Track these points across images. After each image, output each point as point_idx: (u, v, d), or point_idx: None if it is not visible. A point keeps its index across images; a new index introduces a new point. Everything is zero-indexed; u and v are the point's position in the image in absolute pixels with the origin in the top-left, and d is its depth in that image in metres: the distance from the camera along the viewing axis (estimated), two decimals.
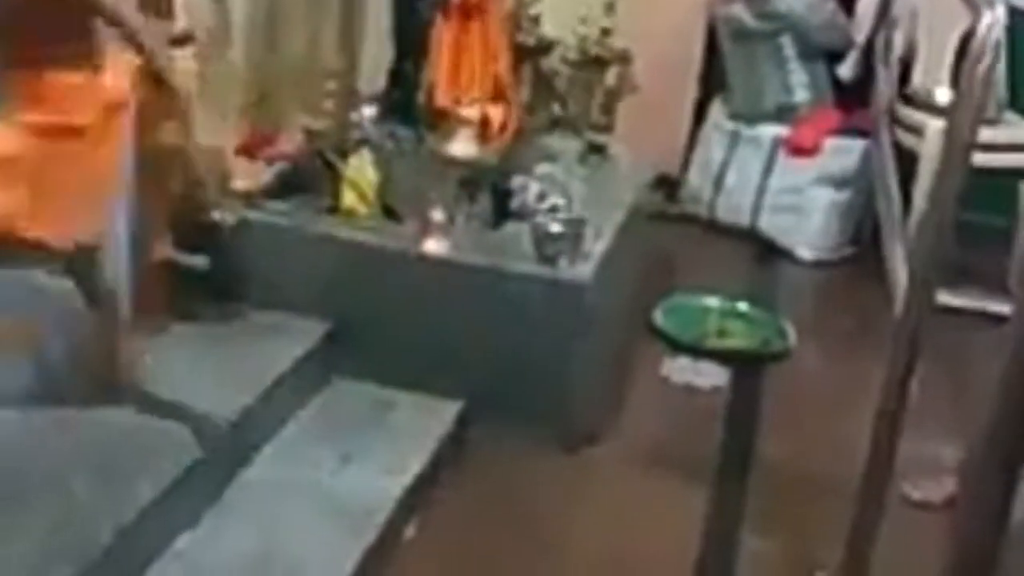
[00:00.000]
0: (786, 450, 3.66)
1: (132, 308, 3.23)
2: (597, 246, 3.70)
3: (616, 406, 3.78)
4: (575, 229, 3.62)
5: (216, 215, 3.45)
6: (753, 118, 5.33)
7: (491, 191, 3.79)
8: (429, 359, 3.49)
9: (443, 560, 2.97)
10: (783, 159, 5.25)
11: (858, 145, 5.22)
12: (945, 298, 3.14)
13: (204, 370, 3.17)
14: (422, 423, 3.37)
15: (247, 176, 3.62)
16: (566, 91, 4.60)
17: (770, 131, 5.29)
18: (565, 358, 3.48)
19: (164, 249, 3.32)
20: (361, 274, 3.53)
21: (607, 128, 4.71)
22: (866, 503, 3.08)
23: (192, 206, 3.42)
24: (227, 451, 2.95)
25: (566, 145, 4.48)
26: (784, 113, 5.30)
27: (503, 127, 4.01)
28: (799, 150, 5.21)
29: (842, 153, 5.24)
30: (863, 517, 3.08)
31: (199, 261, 3.37)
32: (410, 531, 3.04)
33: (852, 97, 5.28)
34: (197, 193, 3.44)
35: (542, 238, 3.58)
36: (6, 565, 2.35)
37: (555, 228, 3.60)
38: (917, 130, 4.70)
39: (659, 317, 4.34)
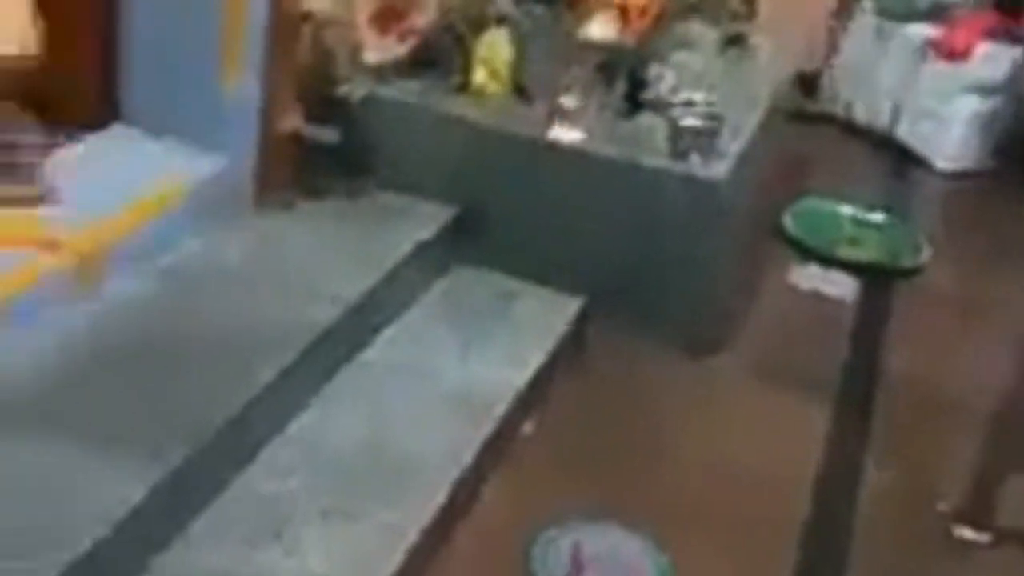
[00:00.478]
0: (914, 371, 3.53)
1: (259, 180, 3.20)
2: (733, 144, 3.54)
3: (741, 312, 3.66)
4: (712, 124, 3.46)
5: (345, 89, 3.36)
6: (903, 15, 5.04)
7: (626, 79, 3.63)
8: (554, 251, 3.40)
9: (558, 458, 2.91)
10: (931, 62, 4.97)
11: (1009, 52, 4.91)
12: None
13: (328, 248, 3.12)
14: (544, 317, 3.29)
15: (378, 50, 3.51)
16: None
17: (920, 31, 5.00)
18: (693, 259, 3.36)
19: (293, 121, 3.26)
20: (489, 159, 3.42)
21: (748, 17, 4.49)
22: (1001, 436, 2.95)
23: (321, 78, 3.34)
24: (346, 333, 2.90)
25: (704, 34, 4.28)
26: (937, 13, 5.00)
27: (643, 11, 3.83)
28: (950, 53, 4.92)
29: (992, 60, 4.94)
30: (996, 450, 2.96)
31: (328, 135, 3.29)
32: (528, 427, 2.99)
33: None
34: (326, 65, 3.36)
35: (677, 132, 3.43)
36: (125, 440, 2.35)
37: (691, 122, 3.44)
38: None
39: (790, 222, 4.22)
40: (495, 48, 3.52)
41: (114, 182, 2.97)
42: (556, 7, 3.80)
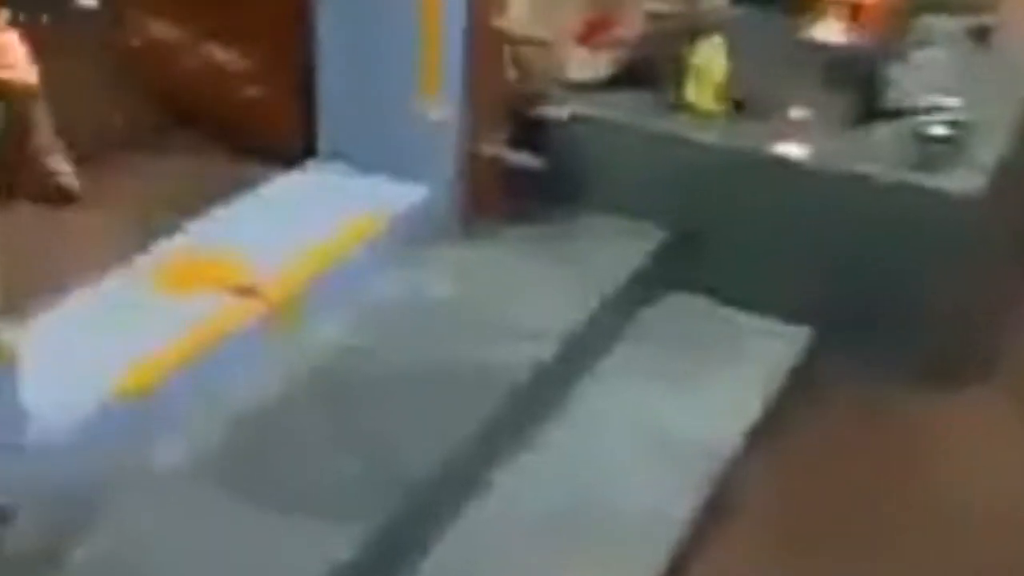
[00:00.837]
0: None
1: (463, 208, 3.05)
2: (985, 152, 3.14)
3: (993, 338, 3.25)
4: (960, 131, 3.10)
5: (549, 110, 3.17)
6: None
7: (861, 84, 3.28)
8: (778, 275, 3.10)
9: (790, 509, 2.61)
10: None
11: None
12: None
13: (533, 280, 2.94)
14: (769, 349, 3.00)
15: (584, 66, 3.30)
16: None
17: None
18: (938, 282, 2.99)
19: (495, 146, 3.09)
20: (705, 177, 3.15)
21: (992, 7, 4.05)
22: None
23: (523, 99, 3.16)
24: (553, 375, 2.70)
25: (947, 28, 3.86)
26: None
27: (877, 8, 3.48)
28: None
29: None
30: None
31: (530, 160, 3.11)
32: (752, 476, 2.68)
33: None
34: (529, 85, 3.18)
35: (920, 141, 3.08)
36: (325, 497, 2.23)
37: (936, 130, 3.08)
38: None
39: None
40: (710, 59, 3.25)
41: (313, 219, 2.89)
42: (778, 9, 3.49)
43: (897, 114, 3.23)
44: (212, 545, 2.11)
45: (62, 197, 3.01)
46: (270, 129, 3.15)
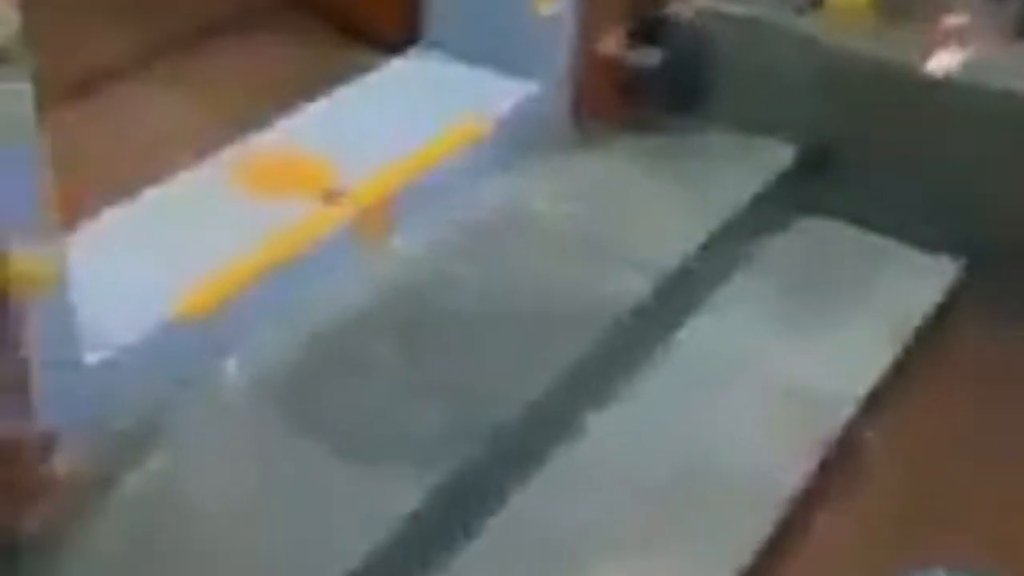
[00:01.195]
0: None
1: (574, 111, 2.80)
2: None
3: None
4: None
5: (673, 6, 2.87)
6: None
7: None
8: (923, 202, 2.80)
9: (913, 477, 2.35)
10: None
11: None
12: None
13: (646, 197, 2.69)
14: (906, 284, 2.72)
15: None
16: None
17: None
18: None
19: (613, 43, 2.81)
20: (848, 90, 2.83)
21: None
22: None
23: None
24: (661, 309, 2.46)
25: None
26: None
27: None
28: None
29: None
30: None
31: (651, 59, 2.83)
32: (870, 434, 2.43)
33: None
34: None
35: None
36: (396, 437, 2.05)
37: None
38: None
39: None
40: None
41: (411, 115, 2.66)
42: None
43: None
44: (271, 482, 1.96)
45: None
46: (375, 12, 2.92)
